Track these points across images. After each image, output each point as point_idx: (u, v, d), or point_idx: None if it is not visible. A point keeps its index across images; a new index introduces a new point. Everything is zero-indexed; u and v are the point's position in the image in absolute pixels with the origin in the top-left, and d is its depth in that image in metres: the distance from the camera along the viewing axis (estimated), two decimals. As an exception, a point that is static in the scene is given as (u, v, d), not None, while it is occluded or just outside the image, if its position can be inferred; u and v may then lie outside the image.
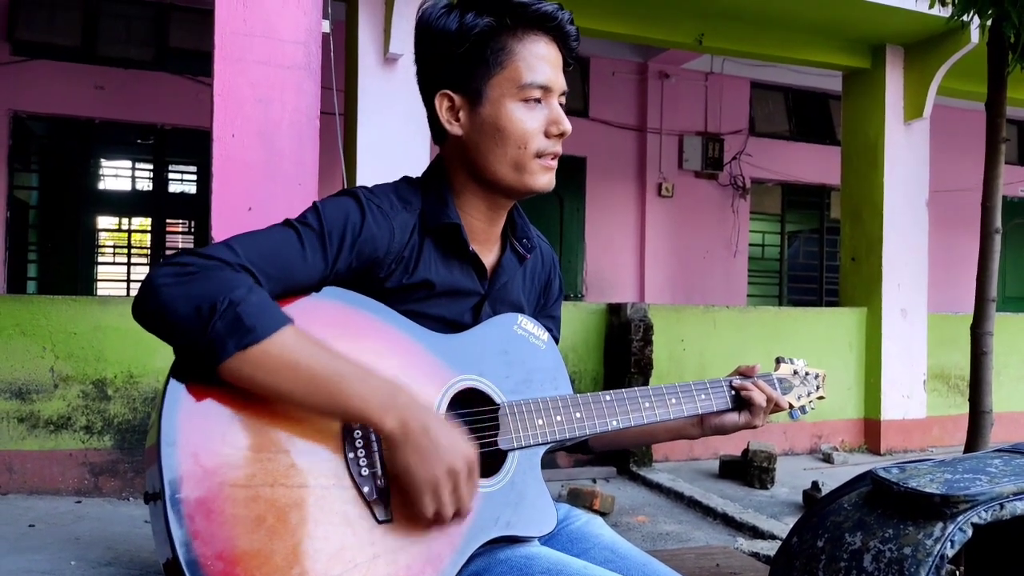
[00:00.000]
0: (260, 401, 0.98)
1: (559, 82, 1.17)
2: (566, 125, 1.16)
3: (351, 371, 0.98)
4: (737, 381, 1.34)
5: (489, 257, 1.24)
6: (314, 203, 1.11)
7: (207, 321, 0.93)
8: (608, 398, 1.22)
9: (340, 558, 0.95)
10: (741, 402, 1.33)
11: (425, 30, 1.17)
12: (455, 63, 1.15)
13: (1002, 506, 1.10)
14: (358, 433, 1.02)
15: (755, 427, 1.35)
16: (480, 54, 1.14)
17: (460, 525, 1.04)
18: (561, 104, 1.18)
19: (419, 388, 1.07)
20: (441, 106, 1.17)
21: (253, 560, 0.90)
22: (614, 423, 1.21)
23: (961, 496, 1.09)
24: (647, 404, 1.24)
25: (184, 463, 0.90)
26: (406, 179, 1.23)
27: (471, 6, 1.14)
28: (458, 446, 0.99)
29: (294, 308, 1.03)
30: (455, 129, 1.17)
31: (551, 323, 1.38)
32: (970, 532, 1.08)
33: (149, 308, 0.95)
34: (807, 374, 1.46)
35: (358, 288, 1.10)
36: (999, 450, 1.31)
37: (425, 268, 1.15)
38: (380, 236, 1.11)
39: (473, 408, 1.13)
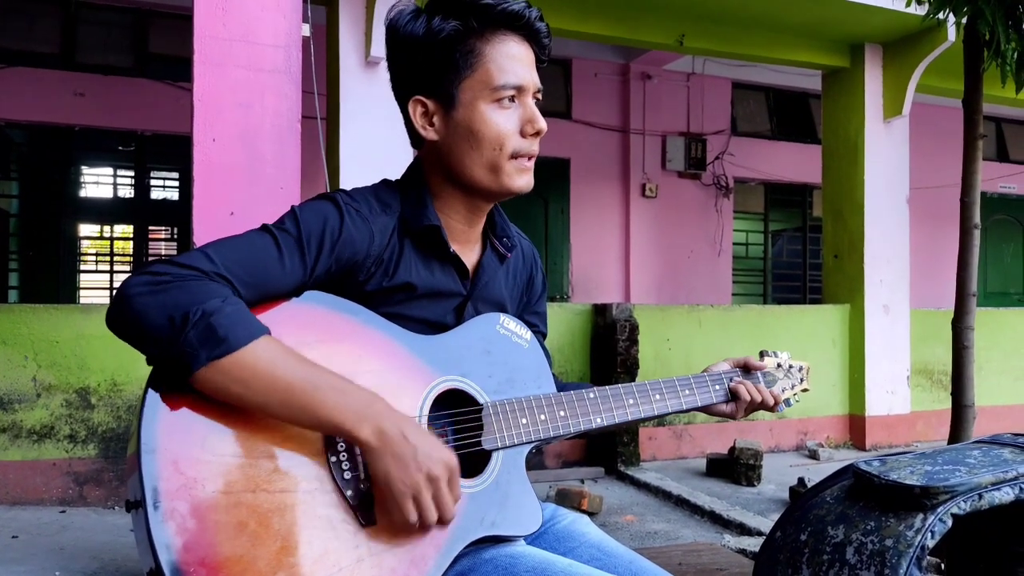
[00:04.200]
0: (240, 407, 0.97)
1: (532, 80, 1.16)
2: (541, 124, 1.16)
3: (327, 382, 0.97)
4: (735, 381, 1.37)
5: (470, 257, 1.24)
6: (292, 208, 1.10)
7: (180, 331, 0.92)
8: (592, 395, 1.22)
9: (324, 562, 0.94)
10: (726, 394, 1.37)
11: (394, 35, 1.16)
12: (425, 68, 1.14)
13: (980, 496, 1.11)
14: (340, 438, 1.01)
15: (735, 419, 1.38)
16: (449, 58, 1.13)
17: (445, 526, 1.04)
18: (537, 100, 1.17)
19: (401, 390, 1.06)
20: (415, 112, 1.17)
21: (236, 566, 0.90)
22: (598, 420, 1.21)
23: (941, 487, 1.10)
24: (631, 401, 1.25)
25: (164, 471, 0.90)
26: (385, 182, 1.22)
27: (438, 10, 1.13)
28: (437, 452, 0.98)
29: (273, 313, 1.02)
30: (430, 134, 1.17)
31: (537, 319, 1.38)
32: (950, 522, 1.09)
33: (122, 318, 0.95)
34: (791, 367, 1.47)
35: (338, 292, 1.09)
36: (978, 441, 1.33)
37: (405, 271, 1.14)
38: (359, 240, 1.10)
39: (456, 409, 1.13)
